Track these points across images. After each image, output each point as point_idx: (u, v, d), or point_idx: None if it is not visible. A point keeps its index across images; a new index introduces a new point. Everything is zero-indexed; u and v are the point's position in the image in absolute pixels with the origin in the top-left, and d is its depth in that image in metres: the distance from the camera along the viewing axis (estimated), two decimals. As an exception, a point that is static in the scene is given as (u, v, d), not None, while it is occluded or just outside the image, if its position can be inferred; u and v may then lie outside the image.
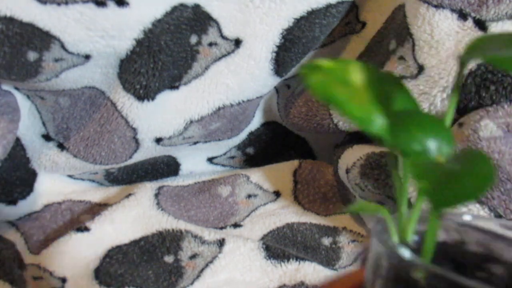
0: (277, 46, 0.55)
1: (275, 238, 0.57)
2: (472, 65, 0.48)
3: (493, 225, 0.28)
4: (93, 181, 0.62)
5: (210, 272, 0.51)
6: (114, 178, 0.62)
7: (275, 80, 0.58)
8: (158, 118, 0.55)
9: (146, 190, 0.58)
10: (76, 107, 0.55)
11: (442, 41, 0.50)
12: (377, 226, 0.25)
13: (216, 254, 0.52)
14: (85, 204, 0.59)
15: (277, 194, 0.62)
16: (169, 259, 0.52)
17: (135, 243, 0.53)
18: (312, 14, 0.55)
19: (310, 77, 0.22)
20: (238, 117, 0.59)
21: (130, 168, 0.62)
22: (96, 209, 0.58)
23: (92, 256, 0.52)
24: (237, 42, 0.55)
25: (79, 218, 0.58)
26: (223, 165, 0.67)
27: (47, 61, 0.48)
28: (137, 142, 0.56)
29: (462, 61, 0.24)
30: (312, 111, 0.61)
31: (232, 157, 0.67)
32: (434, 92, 0.50)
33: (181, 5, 0.51)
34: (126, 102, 0.53)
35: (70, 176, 0.60)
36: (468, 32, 0.49)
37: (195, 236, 0.54)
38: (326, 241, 0.56)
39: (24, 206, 0.57)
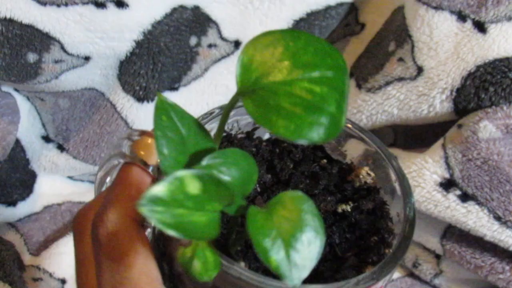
0: (277, 48, 0.55)
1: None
2: (471, 66, 0.48)
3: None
4: (93, 182, 0.62)
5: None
6: (114, 180, 0.62)
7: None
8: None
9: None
10: (76, 109, 0.55)
11: (441, 43, 0.50)
12: None
13: None
14: (85, 205, 0.59)
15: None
16: None
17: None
18: (312, 16, 0.55)
19: (153, 214, 0.21)
20: (237, 119, 0.59)
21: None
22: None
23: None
24: (237, 44, 0.55)
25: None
26: None
27: (46, 63, 0.48)
28: (136, 143, 0.56)
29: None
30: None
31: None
32: (433, 94, 0.50)
33: (181, 6, 0.51)
34: (125, 104, 0.54)
35: (69, 177, 0.60)
36: (467, 34, 0.49)
37: None
38: None
39: (24, 208, 0.57)
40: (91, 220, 0.28)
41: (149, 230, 0.31)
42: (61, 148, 0.57)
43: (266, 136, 0.34)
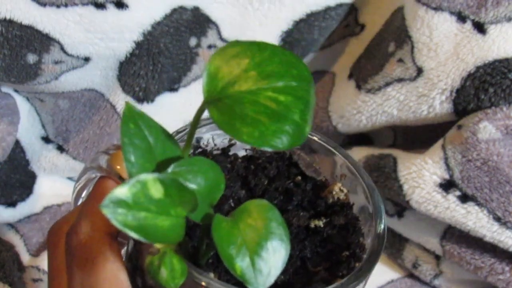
0: (276, 49, 0.55)
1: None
2: (471, 67, 0.48)
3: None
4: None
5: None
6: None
7: (274, 83, 0.58)
8: (157, 120, 0.55)
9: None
10: (76, 110, 0.55)
11: (441, 44, 0.50)
12: None
13: None
14: (85, 206, 0.59)
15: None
16: None
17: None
18: (311, 17, 0.55)
19: (115, 215, 0.21)
20: (237, 119, 0.59)
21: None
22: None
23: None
24: (237, 45, 0.55)
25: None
26: None
27: (46, 64, 0.48)
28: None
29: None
30: (311, 113, 0.61)
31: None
32: (433, 95, 0.50)
33: (181, 7, 0.51)
34: (125, 105, 0.54)
35: (69, 178, 0.60)
36: (467, 35, 0.49)
37: None
38: None
39: (24, 208, 0.57)
40: (65, 233, 0.29)
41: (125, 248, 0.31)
42: (61, 149, 0.57)
43: (242, 153, 0.34)
